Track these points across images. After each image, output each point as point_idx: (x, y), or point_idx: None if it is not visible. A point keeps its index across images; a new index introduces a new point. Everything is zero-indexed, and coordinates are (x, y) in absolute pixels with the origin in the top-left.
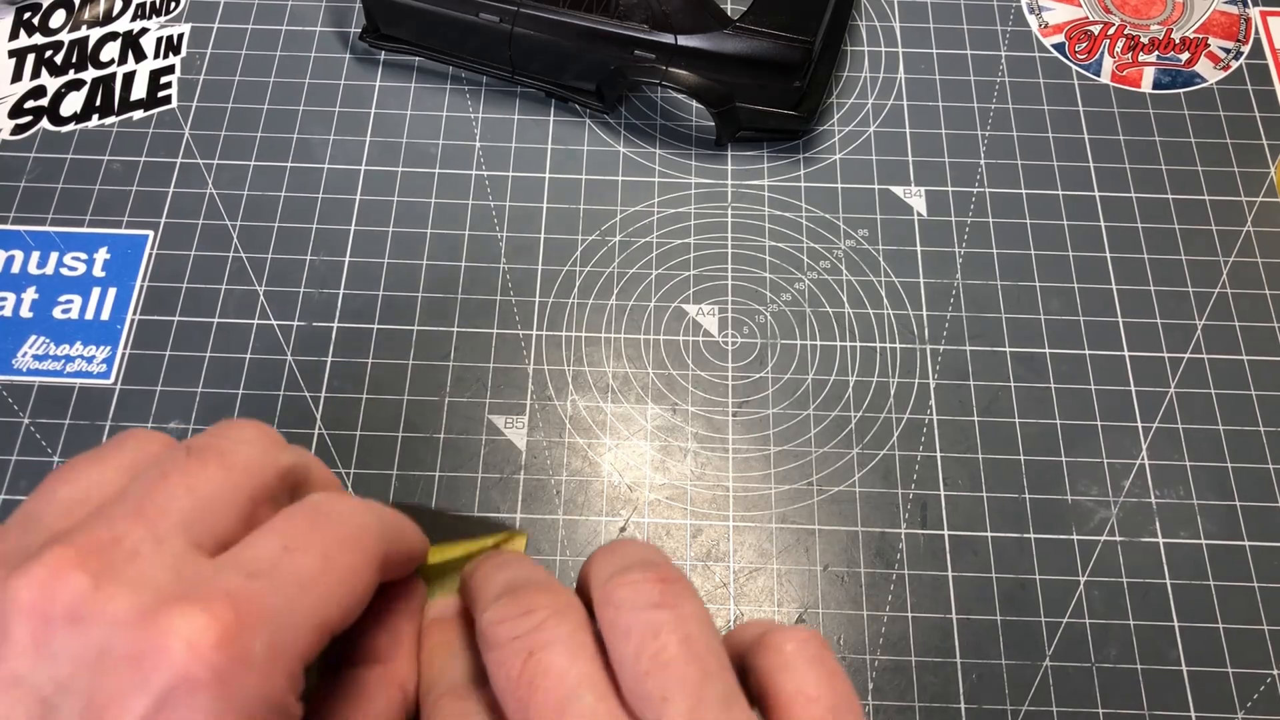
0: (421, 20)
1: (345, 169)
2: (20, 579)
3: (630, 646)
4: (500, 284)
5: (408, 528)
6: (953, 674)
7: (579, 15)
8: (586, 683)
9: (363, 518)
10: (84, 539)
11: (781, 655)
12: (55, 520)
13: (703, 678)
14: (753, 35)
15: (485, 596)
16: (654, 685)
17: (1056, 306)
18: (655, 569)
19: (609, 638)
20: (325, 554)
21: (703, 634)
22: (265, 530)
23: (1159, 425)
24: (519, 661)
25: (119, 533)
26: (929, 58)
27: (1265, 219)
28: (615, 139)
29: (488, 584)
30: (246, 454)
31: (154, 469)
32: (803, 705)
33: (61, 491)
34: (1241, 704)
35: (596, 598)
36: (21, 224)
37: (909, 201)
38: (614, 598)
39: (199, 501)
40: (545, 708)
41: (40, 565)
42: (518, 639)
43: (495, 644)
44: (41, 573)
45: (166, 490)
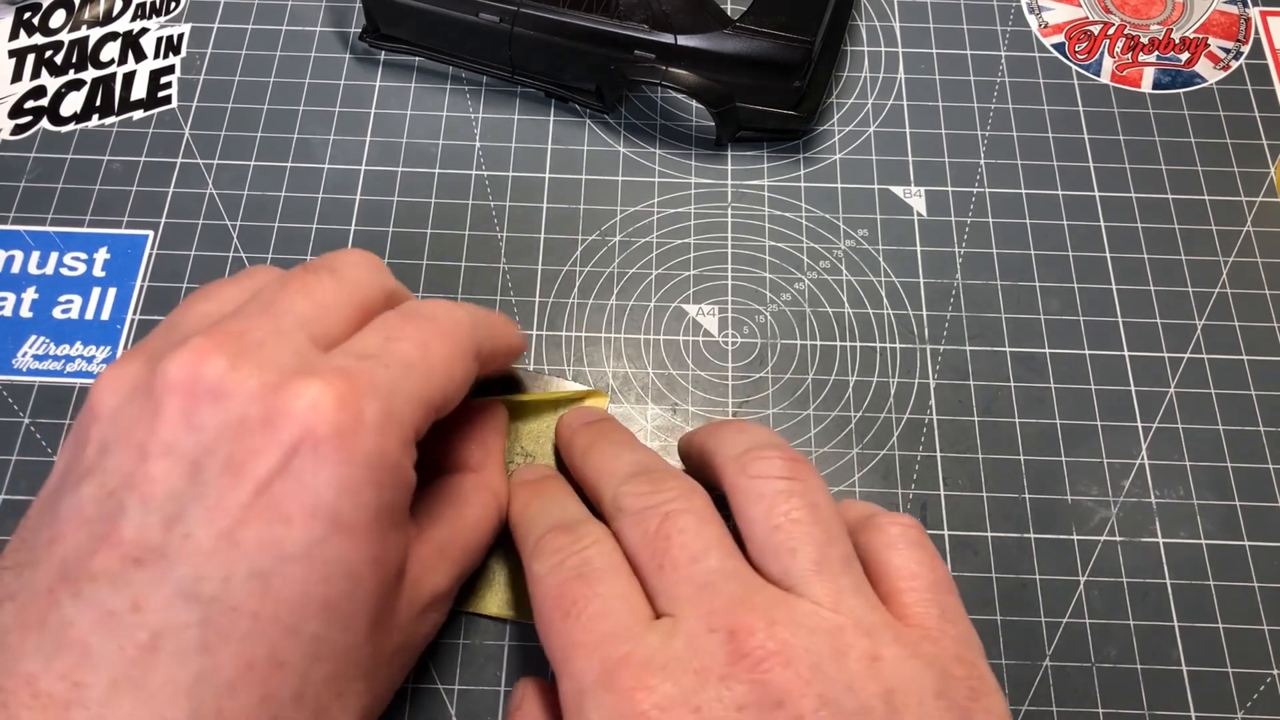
0: (421, 20)
1: (345, 169)
2: (169, 363)
3: (763, 507)
4: (500, 284)
5: (498, 323)
6: None
7: (579, 15)
8: (716, 542)
9: (455, 314)
10: (220, 331)
11: (888, 536)
12: (194, 326)
13: (827, 538)
14: (753, 35)
15: (616, 474)
16: (784, 539)
17: (1056, 306)
18: (784, 450)
19: (740, 501)
20: (424, 342)
21: (827, 505)
22: (368, 328)
23: (1159, 425)
24: (656, 520)
25: (249, 327)
26: (929, 58)
27: (1265, 219)
28: (615, 139)
29: (613, 462)
30: (355, 272)
31: (275, 281)
32: (908, 580)
33: (199, 306)
34: (1241, 704)
35: (729, 468)
36: (21, 224)
37: (909, 201)
38: (749, 469)
39: (315, 305)
40: (680, 558)
41: (186, 350)
42: (654, 506)
43: (633, 510)
44: (187, 356)
45: (287, 296)
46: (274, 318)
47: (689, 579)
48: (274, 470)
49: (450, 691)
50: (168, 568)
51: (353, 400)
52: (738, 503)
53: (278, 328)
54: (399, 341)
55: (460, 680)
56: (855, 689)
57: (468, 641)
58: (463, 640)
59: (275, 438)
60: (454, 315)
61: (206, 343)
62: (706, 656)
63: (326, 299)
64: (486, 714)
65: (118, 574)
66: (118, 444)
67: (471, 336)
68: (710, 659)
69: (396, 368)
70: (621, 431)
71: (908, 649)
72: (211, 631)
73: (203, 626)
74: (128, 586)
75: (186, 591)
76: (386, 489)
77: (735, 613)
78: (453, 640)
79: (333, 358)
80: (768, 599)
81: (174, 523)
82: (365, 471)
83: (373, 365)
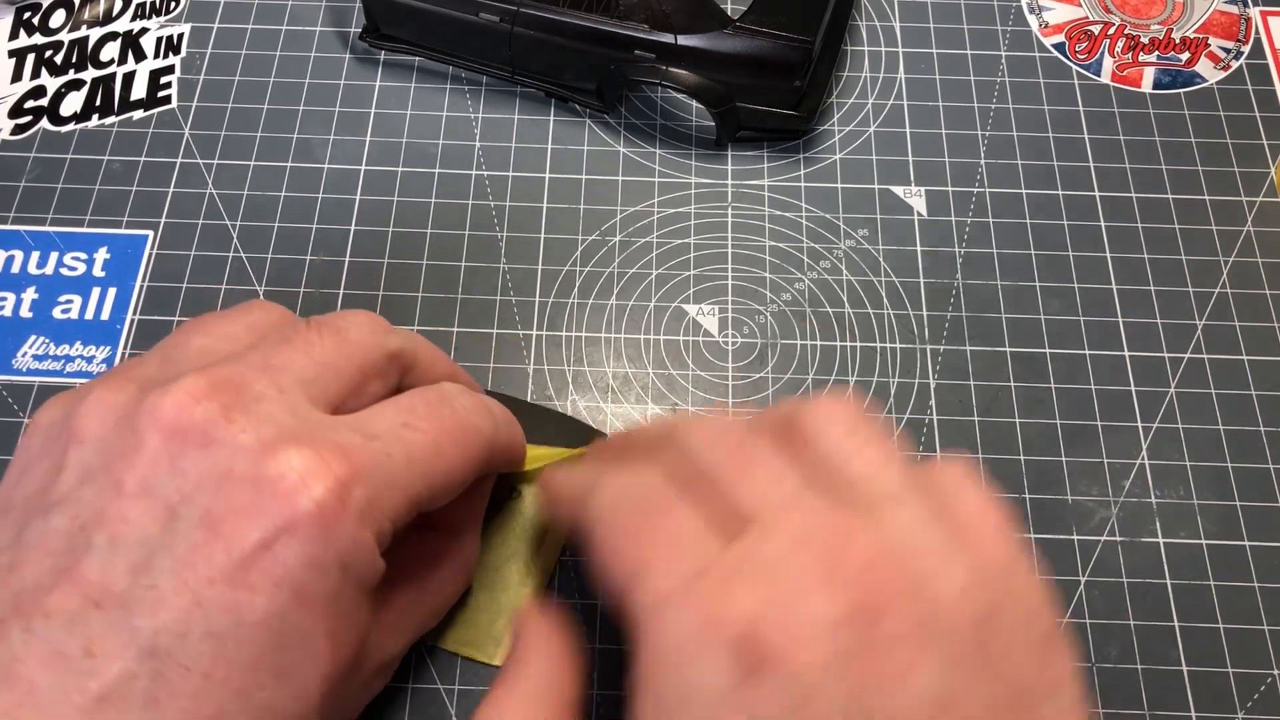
0: (421, 20)
1: (345, 169)
2: (162, 398)
3: (835, 436)
4: (500, 284)
5: (516, 437)
6: None
7: (579, 15)
8: (789, 466)
9: (479, 420)
10: (218, 375)
11: (953, 477)
12: (189, 362)
13: (903, 468)
14: (753, 35)
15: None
16: (860, 465)
17: (1056, 306)
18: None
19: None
20: (437, 440)
21: (889, 440)
22: (391, 404)
23: (1159, 425)
24: (732, 443)
25: (249, 378)
26: (929, 58)
27: (1265, 219)
28: (615, 139)
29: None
30: (359, 334)
31: (276, 333)
32: (979, 516)
33: (195, 340)
34: (1241, 704)
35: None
36: (21, 224)
37: (909, 201)
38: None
39: (316, 365)
40: (760, 475)
41: (179, 388)
42: (723, 440)
43: (704, 445)
44: (181, 395)
45: (288, 352)
46: (275, 372)
47: (774, 493)
48: (255, 546)
49: (450, 691)
50: (126, 615)
51: (344, 483)
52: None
53: (278, 383)
54: (414, 431)
55: (460, 680)
56: (947, 612)
57: None
58: None
59: (259, 503)
60: (477, 420)
61: (202, 385)
62: (796, 569)
63: (328, 359)
64: None
65: (75, 614)
66: (97, 475)
67: (489, 446)
68: (800, 570)
69: (400, 458)
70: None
71: (991, 576)
72: (161, 687)
73: (152, 680)
74: (83, 629)
75: (142, 643)
76: (354, 573)
77: (825, 525)
78: None
79: (337, 429)
80: (855, 515)
81: (140, 570)
82: (337, 555)
83: (376, 449)
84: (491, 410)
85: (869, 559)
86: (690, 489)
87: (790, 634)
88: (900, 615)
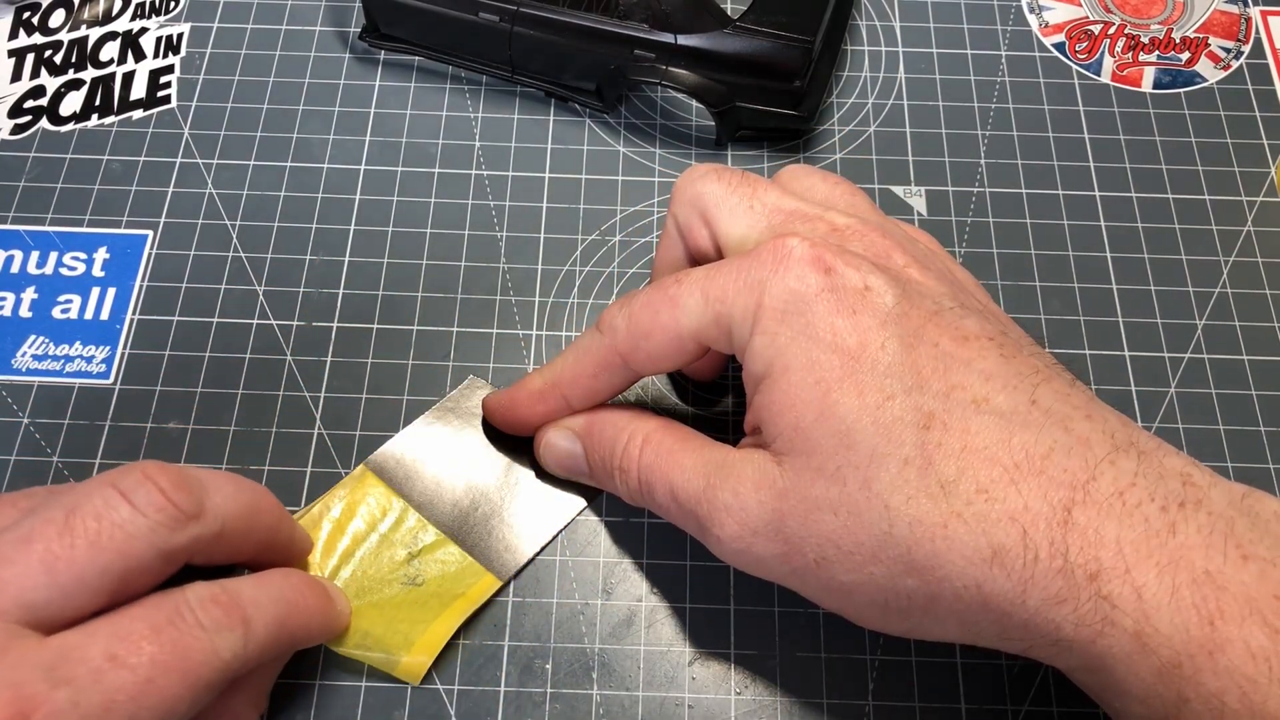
0: (421, 20)
1: (345, 169)
2: None
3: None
4: (500, 284)
5: (310, 607)
6: (953, 674)
7: (579, 15)
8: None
9: (218, 641)
10: None
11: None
12: None
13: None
14: (753, 35)
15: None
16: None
17: (1056, 306)
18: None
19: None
20: (150, 676)
21: None
22: (102, 628)
23: (1159, 425)
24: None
25: None
26: (929, 57)
27: (1265, 219)
28: (615, 139)
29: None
30: (129, 531)
31: (21, 529)
32: None
33: None
34: None
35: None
36: (21, 224)
37: (909, 201)
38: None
39: (53, 581)
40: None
41: None
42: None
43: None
44: None
45: (25, 560)
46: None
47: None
48: None
49: (450, 692)
50: None
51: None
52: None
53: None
54: (120, 669)
55: (460, 680)
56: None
57: (468, 641)
58: (463, 640)
59: None
60: (217, 643)
61: None
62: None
63: (73, 574)
64: (486, 714)
65: None
66: None
67: (221, 672)
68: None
69: (96, 706)
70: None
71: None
72: None
73: None
74: None
75: None
76: None
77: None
78: (452, 641)
79: (19, 667)
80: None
81: None
82: None
83: (62, 698)
84: (254, 615)
85: (879, 240)
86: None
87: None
88: (904, 263)
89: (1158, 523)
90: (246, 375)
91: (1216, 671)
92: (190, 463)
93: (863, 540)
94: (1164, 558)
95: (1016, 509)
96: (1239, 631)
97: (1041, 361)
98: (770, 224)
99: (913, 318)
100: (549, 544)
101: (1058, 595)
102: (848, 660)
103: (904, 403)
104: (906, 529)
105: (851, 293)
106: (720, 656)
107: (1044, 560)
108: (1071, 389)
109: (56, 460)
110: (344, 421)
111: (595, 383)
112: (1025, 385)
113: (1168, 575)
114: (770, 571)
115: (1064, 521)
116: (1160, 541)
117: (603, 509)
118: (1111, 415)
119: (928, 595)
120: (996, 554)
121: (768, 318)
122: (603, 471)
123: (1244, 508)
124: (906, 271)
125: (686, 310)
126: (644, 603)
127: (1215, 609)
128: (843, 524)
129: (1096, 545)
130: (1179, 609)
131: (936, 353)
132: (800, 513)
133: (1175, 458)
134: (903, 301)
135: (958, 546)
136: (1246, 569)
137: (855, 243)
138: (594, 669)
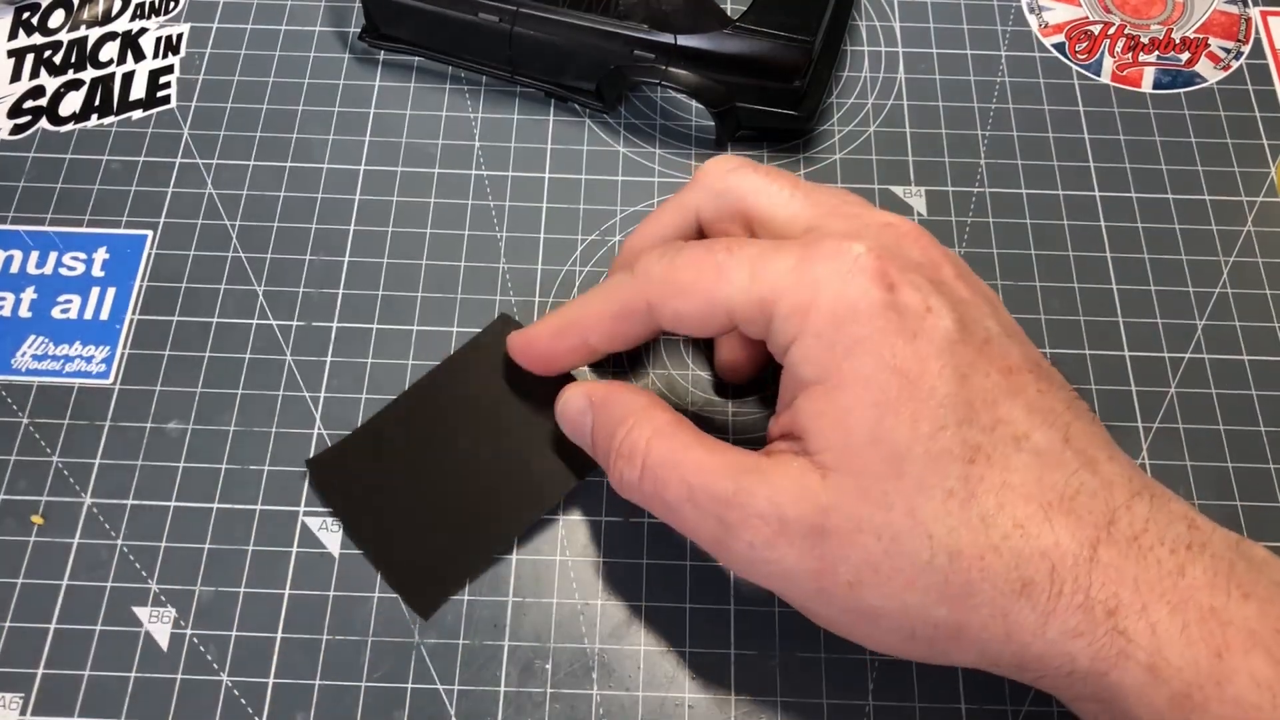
0: (421, 20)
1: (344, 169)
2: None
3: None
4: (500, 284)
5: None
6: (953, 674)
7: (579, 15)
8: None
9: None
10: None
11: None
12: None
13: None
14: (753, 35)
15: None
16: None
17: (1056, 306)
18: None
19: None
20: None
21: None
22: None
23: (1159, 425)
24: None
25: None
26: (929, 57)
27: (1265, 219)
28: (615, 139)
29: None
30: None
31: None
32: None
33: None
34: None
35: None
36: (20, 224)
37: (909, 201)
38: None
39: None
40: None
41: None
42: None
43: None
44: None
45: None
46: None
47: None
48: None
49: (450, 692)
50: None
51: None
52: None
53: None
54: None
55: (460, 680)
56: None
57: (468, 642)
58: (463, 640)
59: None
60: None
61: None
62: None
63: None
64: (486, 714)
65: None
66: None
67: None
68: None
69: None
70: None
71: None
72: None
73: None
74: None
75: None
76: None
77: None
78: (453, 640)
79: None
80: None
81: None
82: None
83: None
84: None
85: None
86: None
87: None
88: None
89: (1169, 564)
90: (246, 375)
91: (1224, 700)
92: (189, 463)
93: (902, 567)
94: (1175, 597)
95: (1049, 545)
96: (1244, 663)
97: (1067, 395)
98: (816, 213)
99: (969, 346)
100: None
101: (1076, 629)
102: (848, 660)
103: (954, 435)
104: (946, 559)
105: (913, 315)
106: (720, 656)
107: (1067, 595)
108: (1094, 426)
109: (56, 460)
110: (344, 421)
111: (617, 325)
112: (1060, 423)
113: (1179, 613)
114: (793, 586)
115: (1090, 559)
116: (1172, 582)
117: (603, 509)
118: (1123, 457)
119: (955, 624)
120: (1025, 586)
121: (822, 321)
122: (602, 449)
123: (1241, 551)
124: (956, 287)
125: (731, 282)
126: (644, 603)
127: (1222, 643)
128: (884, 549)
129: (1117, 583)
130: (1189, 643)
131: (987, 384)
132: (843, 532)
133: (1178, 503)
134: (960, 328)
135: (991, 578)
136: (1248, 606)
137: (911, 247)
138: (594, 669)
